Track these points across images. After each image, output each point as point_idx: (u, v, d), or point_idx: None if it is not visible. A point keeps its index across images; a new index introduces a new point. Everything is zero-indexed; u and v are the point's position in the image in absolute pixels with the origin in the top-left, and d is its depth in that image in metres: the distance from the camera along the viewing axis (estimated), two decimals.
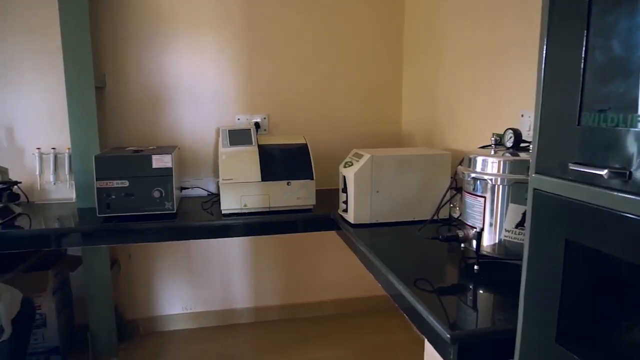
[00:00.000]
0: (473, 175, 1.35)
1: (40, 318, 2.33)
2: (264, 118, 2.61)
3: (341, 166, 1.98)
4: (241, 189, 2.07)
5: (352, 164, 1.91)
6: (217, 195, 2.51)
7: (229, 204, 2.08)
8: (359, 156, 1.90)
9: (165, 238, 2.06)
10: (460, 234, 1.42)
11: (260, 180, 2.07)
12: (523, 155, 1.31)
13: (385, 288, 1.46)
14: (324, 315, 2.95)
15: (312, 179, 2.13)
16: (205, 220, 2.09)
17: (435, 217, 1.71)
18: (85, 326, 2.54)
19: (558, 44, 0.79)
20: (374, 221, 1.89)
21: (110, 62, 2.44)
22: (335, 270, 2.91)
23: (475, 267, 1.37)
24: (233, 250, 2.76)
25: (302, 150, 2.18)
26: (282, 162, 2.14)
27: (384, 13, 2.68)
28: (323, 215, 2.13)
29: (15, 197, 2.18)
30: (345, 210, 1.95)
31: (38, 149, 2.40)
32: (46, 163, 2.42)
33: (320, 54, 2.64)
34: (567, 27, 0.78)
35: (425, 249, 1.64)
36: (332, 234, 2.16)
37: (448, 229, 1.79)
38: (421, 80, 2.55)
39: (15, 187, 2.22)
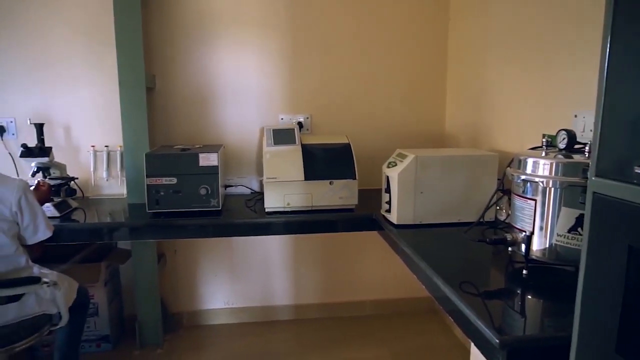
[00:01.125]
0: (523, 177, 1.31)
1: (93, 307, 2.45)
2: (307, 118, 2.63)
3: (384, 166, 1.97)
4: (284, 187, 2.10)
5: (395, 164, 1.90)
6: (260, 193, 2.55)
7: (272, 202, 2.12)
8: (403, 156, 1.89)
9: (210, 234, 2.12)
10: (509, 237, 1.39)
11: (303, 179, 2.10)
12: (577, 157, 1.26)
13: (429, 290, 1.45)
14: (363, 315, 2.94)
15: (355, 178, 2.13)
16: (249, 218, 2.14)
17: (481, 220, 1.67)
18: (133, 317, 2.64)
19: (622, 42, 0.76)
20: (417, 222, 1.87)
21: (159, 63, 2.53)
22: (375, 271, 2.90)
23: (524, 271, 1.34)
24: (274, 247, 2.80)
25: (344, 150, 2.19)
26: (324, 161, 2.15)
27: (428, 12, 2.65)
28: (365, 215, 2.13)
29: (72, 192, 2.30)
30: (388, 211, 1.94)
31: (92, 146, 2.52)
32: (100, 160, 2.54)
33: (363, 53, 2.63)
34: (632, 26, 0.75)
35: (470, 252, 1.61)
36: (373, 234, 2.15)
37: (494, 232, 1.76)
38: (466, 80, 2.50)
39: (72, 182, 2.34)
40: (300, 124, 2.58)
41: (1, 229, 1.67)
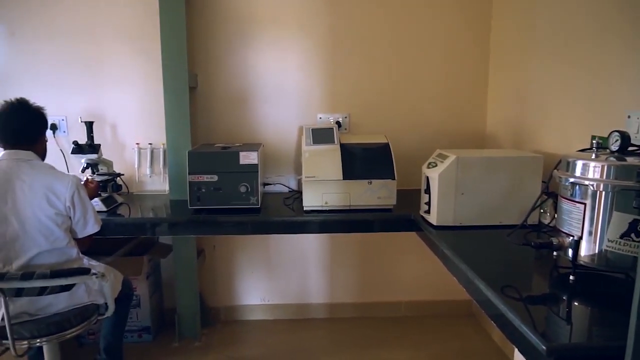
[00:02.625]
0: (572, 180, 1.27)
1: (136, 299, 2.53)
2: (345, 117, 2.63)
3: (424, 166, 1.95)
4: (323, 186, 2.11)
5: (436, 165, 1.88)
6: (298, 192, 2.58)
7: (310, 201, 2.13)
8: (444, 157, 1.87)
9: (249, 231, 2.15)
10: (555, 241, 1.34)
11: (341, 178, 2.10)
12: (631, 160, 1.21)
13: (470, 293, 1.42)
14: (399, 316, 2.93)
15: (394, 178, 2.12)
16: (287, 216, 2.16)
17: (524, 223, 1.63)
18: (172, 310, 2.72)
19: None
20: (457, 224, 1.84)
21: (201, 63, 2.59)
22: (412, 272, 2.88)
23: (571, 277, 1.30)
24: (311, 245, 2.82)
25: (383, 150, 2.18)
26: (363, 161, 2.15)
27: (469, 10, 2.60)
28: (403, 216, 2.12)
29: (118, 188, 2.39)
30: (428, 212, 1.93)
31: (137, 144, 2.61)
32: (143, 157, 2.63)
33: (402, 51, 2.61)
34: None
35: (512, 255, 1.58)
36: (411, 234, 2.14)
37: (537, 236, 1.71)
38: (510, 79, 2.44)
39: (118, 178, 2.43)
40: (338, 123, 2.59)
41: (56, 223, 1.75)
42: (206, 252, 2.81)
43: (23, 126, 1.81)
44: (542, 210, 1.82)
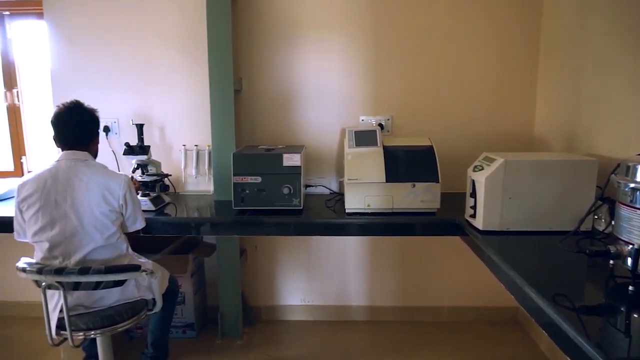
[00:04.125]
0: (632, 185, 1.22)
1: (181, 296, 2.60)
2: (388, 119, 2.62)
3: (470, 169, 1.92)
4: (365, 189, 2.11)
5: (482, 168, 1.84)
6: (340, 194, 2.59)
7: (352, 203, 2.13)
8: (491, 160, 1.82)
9: (292, 232, 2.17)
10: (612, 249, 1.29)
11: (384, 181, 2.09)
12: None
13: (519, 300, 1.38)
14: (440, 321, 2.88)
15: (438, 181, 2.09)
16: (329, 218, 2.17)
17: (577, 229, 1.57)
18: (214, 308, 2.79)
19: None
20: (504, 229, 1.80)
21: (246, 67, 2.64)
22: (455, 276, 2.82)
23: (630, 287, 1.24)
24: (352, 247, 2.82)
25: (427, 152, 2.15)
26: (407, 163, 2.13)
27: (517, 9, 2.52)
28: (447, 220, 2.08)
29: (165, 188, 2.47)
30: (473, 216, 1.88)
31: (184, 145, 2.69)
32: (189, 158, 2.70)
33: (447, 52, 2.57)
34: None
35: (564, 262, 1.52)
36: (454, 239, 2.10)
37: (591, 243, 1.64)
38: (562, 78, 2.34)
39: (166, 178, 2.51)
40: (381, 125, 2.57)
41: (110, 219, 1.84)
42: (248, 252, 2.86)
43: (79, 128, 1.90)
44: (596, 217, 1.75)
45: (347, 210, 2.15)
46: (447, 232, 2.08)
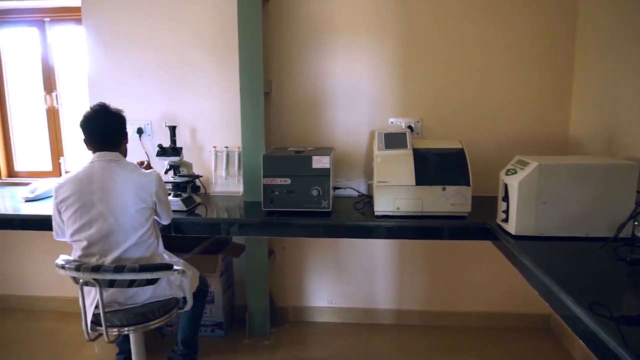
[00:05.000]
0: None
1: (210, 296, 2.65)
2: (417, 121, 2.59)
3: (502, 173, 1.88)
4: (395, 192, 2.09)
5: (515, 172, 1.80)
6: (368, 196, 2.58)
7: (382, 206, 2.12)
8: (524, 164, 1.79)
9: (320, 234, 2.17)
10: None
11: (414, 184, 2.07)
12: None
13: (554, 308, 1.35)
14: (469, 326, 2.83)
15: (469, 185, 2.05)
16: (358, 220, 2.16)
17: (617, 236, 1.52)
18: (242, 307, 2.82)
19: None
20: (538, 234, 1.76)
21: (275, 69, 2.66)
22: (485, 282, 2.77)
23: None
24: (380, 250, 2.81)
25: (458, 155, 2.12)
26: (437, 166, 2.10)
27: (551, 6, 2.46)
28: (478, 224, 2.04)
29: (196, 189, 2.52)
30: (505, 220, 1.85)
31: (214, 147, 2.74)
32: (220, 160, 2.75)
33: (478, 53, 2.53)
34: None
35: (602, 270, 1.48)
36: (485, 243, 2.06)
37: (630, 250, 1.58)
38: (600, 79, 2.26)
39: (197, 179, 2.56)
40: (410, 128, 2.56)
41: (144, 217, 1.89)
42: (276, 253, 2.88)
43: (108, 130, 1.95)
44: (636, 223, 1.69)
45: (376, 213, 2.15)
46: (478, 237, 2.05)
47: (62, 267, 1.76)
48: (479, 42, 2.52)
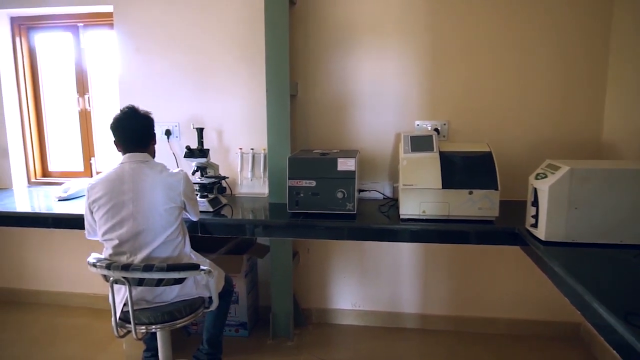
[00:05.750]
0: None
1: (235, 296, 2.68)
2: (444, 124, 2.56)
3: (532, 177, 1.84)
4: (421, 195, 2.08)
5: (545, 176, 1.76)
6: (393, 199, 2.56)
7: (407, 209, 2.10)
8: (555, 168, 1.75)
9: (345, 237, 2.17)
10: None
11: (440, 187, 2.05)
12: None
13: (587, 317, 1.31)
14: (496, 333, 2.77)
15: (497, 189, 2.02)
16: (383, 224, 2.15)
17: None
18: (266, 308, 2.84)
19: None
20: (569, 240, 1.71)
21: (301, 72, 2.68)
22: (513, 288, 2.71)
23: None
24: (405, 254, 2.78)
25: (486, 158, 2.09)
26: (464, 170, 2.08)
27: (584, 5, 2.39)
28: (506, 229, 2.01)
29: (223, 190, 2.55)
30: (534, 225, 1.81)
31: (240, 149, 2.77)
32: (245, 161, 2.78)
33: (505, 55, 2.48)
34: None
35: (637, 279, 1.43)
36: (513, 248, 2.02)
37: None
38: (635, 80, 2.19)
39: (223, 181, 2.59)
40: (437, 130, 2.53)
41: (174, 216, 1.93)
42: (300, 255, 2.89)
43: (137, 131, 2.00)
44: None
45: (401, 216, 2.13)
46: (506, 242, 2.01)
47: (94, 265, 1.81)
48: (508, 42, 2.47)
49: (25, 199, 2.84)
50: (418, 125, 2.59)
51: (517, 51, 2.48)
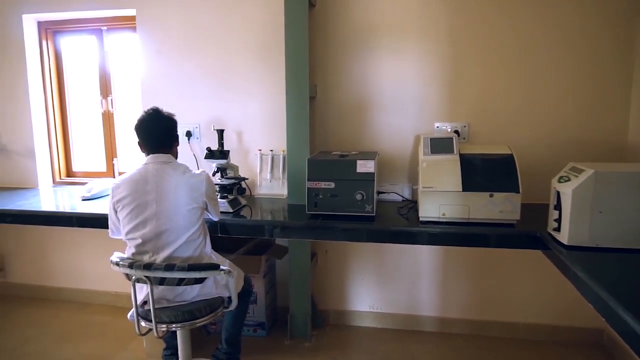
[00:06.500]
0: None
1: (253, 296, 2.69)
2: (464, 126, 2.54)
3: (554, 180, 1.82)
4: (440, 197, 2.06)
5: (569, 179, 1.73)
6: (412, 201, 2.55)
7: (427, 211, 2.09)
8: (579, 171, 1.72)
9: (364, 239, 2.17)
10: None
11: (461, 190, 2.04)
12: None
13: (611, 323, 1.29)
14: (516, 338, 2.74)
15: (518, 192, 1.99)
16: (402, 226, 2.14)
17: None
18: (284, 308, 2.86)
19: None
20: (593, 245, 1.69)
21: (320, 74, 2.69)
22: (534, 292, 2.67)
23: None
24: (424, 256, 2.77)
25: (507, 161, 2.06)
26: (485, 172, 2.06)
27: (608, 4, 2.35)
28: (528, 232, 1.98)
29: (242, 191, 2.57)
30: (557, 229, 1.78)
31: (259, 150, 2.79)
32: (265, 163, 2.80)
33: (527, 56, 2.45)
34: None
35: None
36: (535, 252, 2.00)
37: None
38: None
39: (243, 182, 2.61)
40: (457, 132, 2.51)
41: (196, 216, 1.96)
42: (318, 256, 2.90)
43: (161, 133, 2.04)
44: None
45: (420, 219, 2.12)
46: (527, 245, 1.99)
47: (117, 263, 1.85)
48: (530, 43, 2.44)
49: (50, 199, 2.91)
50: (438, 127, 2.58)
51: (540, 52, 2.44)
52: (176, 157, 2.11)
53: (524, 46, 2.45)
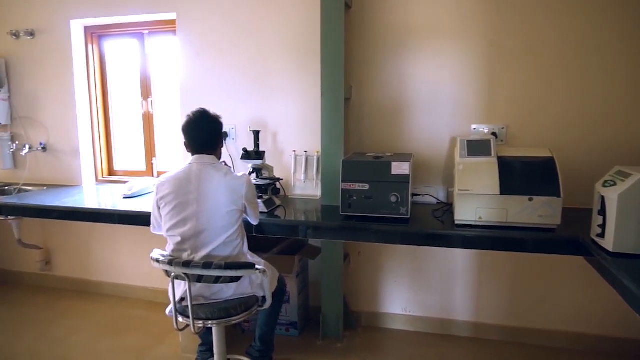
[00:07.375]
0: None
1: (286, 296, 2.71)
2: (502, 128, 2.49)
3: (599, 185, 1.76)
4: (477, 200, 2.03)
5: (614, 184, 1.67)
6: (447, 204, 2.52)
7: (463, 215, 2.06)
8: (625, 175, 1.66)
9: (398, 241, 2.15)
10: None
11: (498, 193, 2.00)
12: None
13: None
14: (553, 347, 2.65)
15: (559, 196, 1.94)
16: (438, 229, 2.11)
17: None
18: (316, 308, 2.87)
19: None
20: None
21: (356, 75, 2.69)
22: (574, 300, 2.59)
23: None
24: (459, 260, 2.73)
25: (547, 164, 2.01)
26: (524, 175, 2.01)
27: None
28: (569, 238, 1.92)
29: (277, 191, 2.60)
30: (601, 235, 1.72)
31: (294, 151, 2.82)
32: (299, 163, 2.82)
33: (568, 57, 2.38)
34: None
35: None
36: (576, 259, 1.94)
37: None
38: None
39: (277, 182, 2.64)
40: (494, 135, 2.46)
41: (235, 219, 2.00)
42: (351, 257, 2.90)
43: (207, 134, 2.09)
44: None
45: (456, 222, 2.09)
46: (568, 251, 1.93)
47: (157, 260, 1.90)
48: (571, 43, 2.37)
49: (93, 196, 3.03)
50: (474, 129, 2.54)
51: (581, 52, 2.36)
52: (219, 159, 2.16)
53: (565, 47, 2.37)
